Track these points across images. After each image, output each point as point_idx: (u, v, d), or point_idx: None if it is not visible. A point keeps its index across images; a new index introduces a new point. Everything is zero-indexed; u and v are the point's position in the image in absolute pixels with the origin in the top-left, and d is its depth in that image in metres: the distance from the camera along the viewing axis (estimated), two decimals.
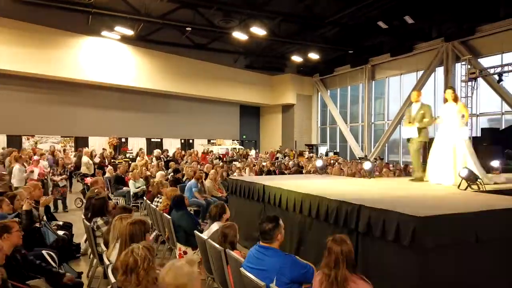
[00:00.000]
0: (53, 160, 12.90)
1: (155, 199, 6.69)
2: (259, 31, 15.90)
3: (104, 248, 3.65)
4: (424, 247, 3.04)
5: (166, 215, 5.10)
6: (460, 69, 15.89)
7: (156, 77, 19.95)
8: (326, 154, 21.98)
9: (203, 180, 8.87)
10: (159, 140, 22.07)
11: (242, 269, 2.81)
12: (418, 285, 3.07)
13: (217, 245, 3.37)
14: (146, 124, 21.34)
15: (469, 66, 13.95)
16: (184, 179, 9.69)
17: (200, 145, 22.38)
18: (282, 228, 2.98)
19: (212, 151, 19.49)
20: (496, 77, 12.96)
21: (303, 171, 12.08)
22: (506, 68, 12.60)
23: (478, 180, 5.01)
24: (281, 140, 25.00)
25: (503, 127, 14.81)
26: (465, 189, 4.96)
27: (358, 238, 3.66)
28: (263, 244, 2.91)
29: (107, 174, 10.60)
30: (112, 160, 15.23)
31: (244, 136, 26.30)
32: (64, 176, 10.25)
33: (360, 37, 18.60)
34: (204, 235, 3.89)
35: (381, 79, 21.28)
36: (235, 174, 10.93)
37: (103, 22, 16.50)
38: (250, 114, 26.47)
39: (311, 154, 20.34)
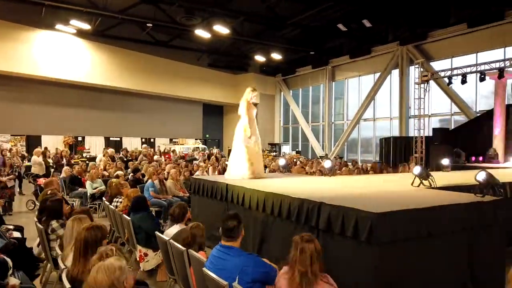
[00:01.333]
0: (2, 160, 12.11)
1: (114, 199, 6.48)
2: (222, 29, 15.83)
3: (60, 252, 3.48)
4: (380, 242, 3.18)
5: (126, 216, 4.95)
6: (414, 72, 16.73)
7: (115, 74, 19.25)
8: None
9: (164, 180, 8.71)
10: (118, 139, 21.36)
11: (204, 269, 2.80)
12: (374, 279, 3.21)
13: (179, 246, 3.32)
14: (104, 123, 20.58)
15: (421, 69, 14.70)
16: (145, 179, 9.46)
17: (161, 144, 21.93)
18: (242, 225, 3.00)
19: (175, 150, 19.18)
20: (446, 80, 13.76)
21: (266, 170, 12.19)
22: (455, 72, 13.41)
23: (430, 177, 5.31)
24: None
25: (453, 127, 15.78)
26: (418, 186, 5.24)
27: (318, 234, 3.75)
28: (225, 243, 2.90)
29: (63, 174, 10.13)
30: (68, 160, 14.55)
31: (207, 135, 26.09)
32: (11, 176, 9.60)
33: (321, 39, 19.05)
34: (165, 236, 3.83)
35: (341, 80, 21.94)
36: (197, 173, 10.82)
37: (57, 15, 15.68)
38: (213, 113, 26.30)
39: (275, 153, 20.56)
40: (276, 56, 19.88)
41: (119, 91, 20.24)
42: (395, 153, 16.49)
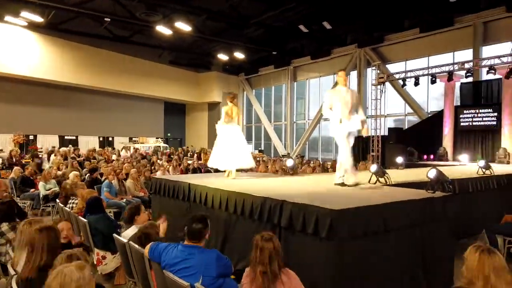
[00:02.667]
0: None
1: (70, 201, 6.18)
2: (184, 26, 15.57)
3: (12, 254, 3.27)
4: (340, 238, 3.28)
5: (82, 218, 4.75)
6: (371, 74, 17.42)
7: (69, 69, 18.28)
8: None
9: (123, 180, 8.45)
10: (74, 137, 20.39)
11: (165, 271, 2.75)
12: (334, 274, 3.31)
13: (139, 248, 3.24)
14: (58, 121, 19.53)
15: (378, 71, 15.33)
16: (103, 179, 9.10)
17: (120, 143, 21.20)
18: (209, 227, 2.98)
19: (137, 149, 18.64)
20: (401, 82, 14.45)
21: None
22: (409, 74, 14.10)
23: (386, 175, 5.55)
24: (207, 138, 24.83)
25: (406, 127, 16.59)
26: (375, 183, 5.45)
27: (280, 232, 3.81)
28: (189, 243, 2.87)
29: (12, 175, 9.52)
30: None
31: (168, 134, 25.58)
32: None
33: (283, 39, 19.28)
34: (123, 238, 3.71)
35: (303, 80, 22.35)
36: (158, 173, 10.58)
37: (7, 7, 14.67)
38: (175, 111, 25.82)
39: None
40: (239, 55, 19.88)
41: (75, 87, 19.30)
42: (353, 151, 17.04)
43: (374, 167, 5.60)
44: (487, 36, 14.20)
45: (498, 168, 8.20)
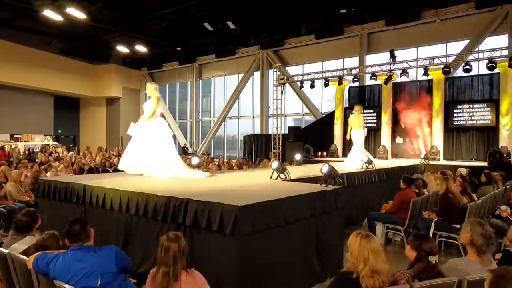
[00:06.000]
0: None
1: None
2: (77, 13, 14.19)
3: None
4: (244, 233, 3.41)
5: None
6: (273, 75, 18.29)
7: None
8: None
9: (3, 184, 7.40)
10: None
11: (56, 281, 2.52)
12: (238, 269, 3.42)
13: (24, 258, 2.88)
14: None
15: (279, 73, 16.19)
16: None
17: None
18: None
19: (15, 147, 16.39)
20: (299, 84, 15.50)
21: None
22: (306, 77, 15.21)
23: (286, 171, 5.92)
24: (105, 136, 23.12)
25: (304, 126, 17.87)
26: (276, 179, 5.77)
27: (185, 231, 3.78)
28: (78, 245, 2.68)
29: None
30: None
31: (59, 131, 23.12)
32: None
33: (188, 36, 18.98)
34: (4, 249, 3.26)
35: (208, 78, 22.37)
36: (48, 174, 9.51)
37: None
38: (68, 106, 23.46)
39: None
40: (141, 48, 18.93)
41: None
42: (257, 149, 17.76)
43: (275, 164, 5.93)
44: (370, 45, 16.08)
45: (379, 163, 9.39)
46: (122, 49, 19.23)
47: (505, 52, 11.03)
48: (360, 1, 14.23)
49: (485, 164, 10.48)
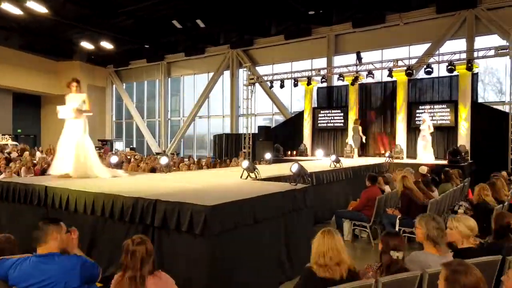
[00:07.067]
0: None
1: None
2: (38, 7, 13.56)
3: None
4: (214, 233, 3.40)
5: None
6: (243, 74, 18.31)
7: None
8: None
9: None
10: None
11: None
12: (208, 269, 3.41)
13: None
14: None
15: (249, 73, 16.23)
16: None
17: None
18: (63, 231, 2.65)
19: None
20: (269, 83, 15.61)
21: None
22: (275, 77, 15.34)
23: (256, 170, 5.95)
24: None
25: (274, 126, 18.01)
26: (246, 178, 5.79)
27: (154, 233, 3.73)
28: (41, 251, 2.57)
29: None
30: None
31: (19, 130, 21.98)
32: None
33: (156, 33, 18.63)
34: None
35: (177, 76, 22.05)
36: (2, 176, 9.04)
37: None
38: (28, 104, 22.37)
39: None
40: (107, 45, 18.37)
41: None
42: (227, 148, 17.73)
43: (245, 163, 5.95)
44: (338, 47, 16.45)
45: (346, 162, 9.63)
46: (86, 45, 18.58)
47: (463, 56, 11.65)
48: (327, 3, 14.53)
49: (445, 162, 10.99)
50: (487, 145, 11.76)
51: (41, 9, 13.73)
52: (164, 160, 7.26)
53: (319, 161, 11.47)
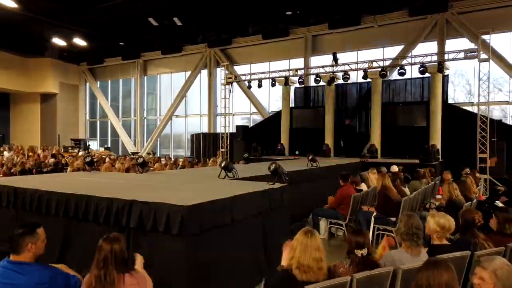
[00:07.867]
0: None
1: None
2: (6, 1, 13.04)
3: None
4: (191, 233, 3.37)
5: None
6: (220, 73, 18.22)
7: None
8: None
9: None
10: None
11: None
12: (186, 269, 3.38)
13: None
14: None
15: (227, 72, 16.17)
16: None
17: None
18: (39, 239, 2.54)
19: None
20: (247, 83, 15.60)
21: (68, 169, 10.87)
22: (253, 77, 15.35)
23: (234, 169, 5.94)
24: (39, 134, 21.47)
25: (251, 125, 18.02)
26: (224, 178, 5.77)
27: (129, 234, 3.66)
28: (14, 259, 2.46)
29: None
30: None
31: None
32: None
33: (132, 30, 18.26)
34: None
35: (153, 75, 21.70)
36: None
37: None
38: None
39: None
40: (80, 42, 17.86)
41: None
42: (204, 148, 17.60)
43: (223, 163, 5.93)
44: (315, 47, 16.64)
45: (322, 161, 9.75)
46: (58, 41, 18.02)
47: (435, 58, 12.04)
48: (305, 4, 14.66)
49: (417, 161, 11.31)
50: (457, 144, 12.20)
51: (10, 4, 13.22)
52: (140, 160, 7.11)
53: (296, 160, 11.56)
